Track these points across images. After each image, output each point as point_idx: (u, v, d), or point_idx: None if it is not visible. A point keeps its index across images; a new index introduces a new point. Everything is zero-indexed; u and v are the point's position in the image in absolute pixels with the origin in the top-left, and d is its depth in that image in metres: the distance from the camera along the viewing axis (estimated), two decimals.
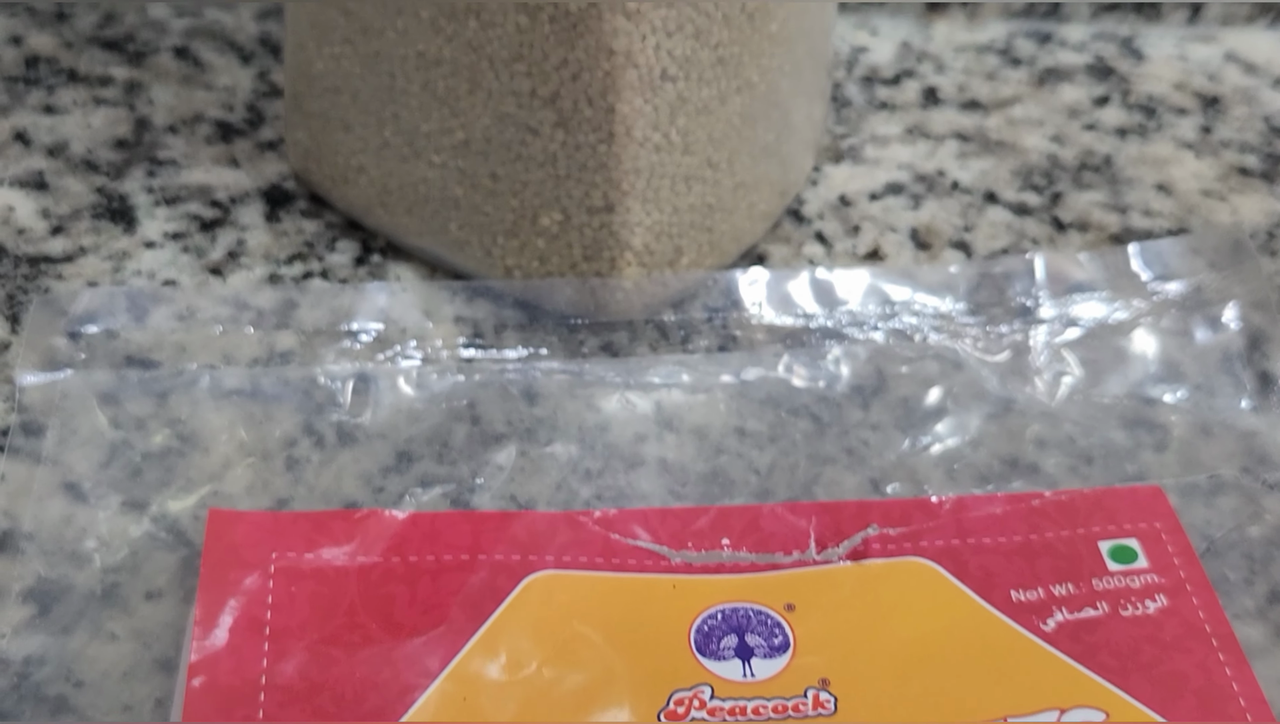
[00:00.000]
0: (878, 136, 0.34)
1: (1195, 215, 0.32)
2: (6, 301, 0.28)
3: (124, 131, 0.32)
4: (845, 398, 0.27)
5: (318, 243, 0.30)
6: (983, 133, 0.34)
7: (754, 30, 0.26)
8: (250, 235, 0.30)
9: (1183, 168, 0.34)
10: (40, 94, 0.33)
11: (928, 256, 0.31)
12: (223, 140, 0.32)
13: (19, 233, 0.30)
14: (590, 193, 0.27)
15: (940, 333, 0.28)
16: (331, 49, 0.28)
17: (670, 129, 0.26)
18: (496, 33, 0.25)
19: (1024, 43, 0.37)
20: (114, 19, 0.35)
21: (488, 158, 0.27)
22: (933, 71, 0.36)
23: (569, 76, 0.25)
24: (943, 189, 0.33)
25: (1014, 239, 0.31)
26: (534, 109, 0.26)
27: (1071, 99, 0.36)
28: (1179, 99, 0.36)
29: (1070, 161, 0.34)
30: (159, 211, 0.30)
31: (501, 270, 0.28)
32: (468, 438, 0.26)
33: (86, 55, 0.34)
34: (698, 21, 0.25)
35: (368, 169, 0.29)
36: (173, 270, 0.29)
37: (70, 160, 0.31)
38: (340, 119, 0.29)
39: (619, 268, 0.27)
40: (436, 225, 0.29)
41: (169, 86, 0.33)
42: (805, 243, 0.31)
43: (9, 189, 0.30)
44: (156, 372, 0.27)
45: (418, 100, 0.27)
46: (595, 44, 0.25)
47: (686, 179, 0.27)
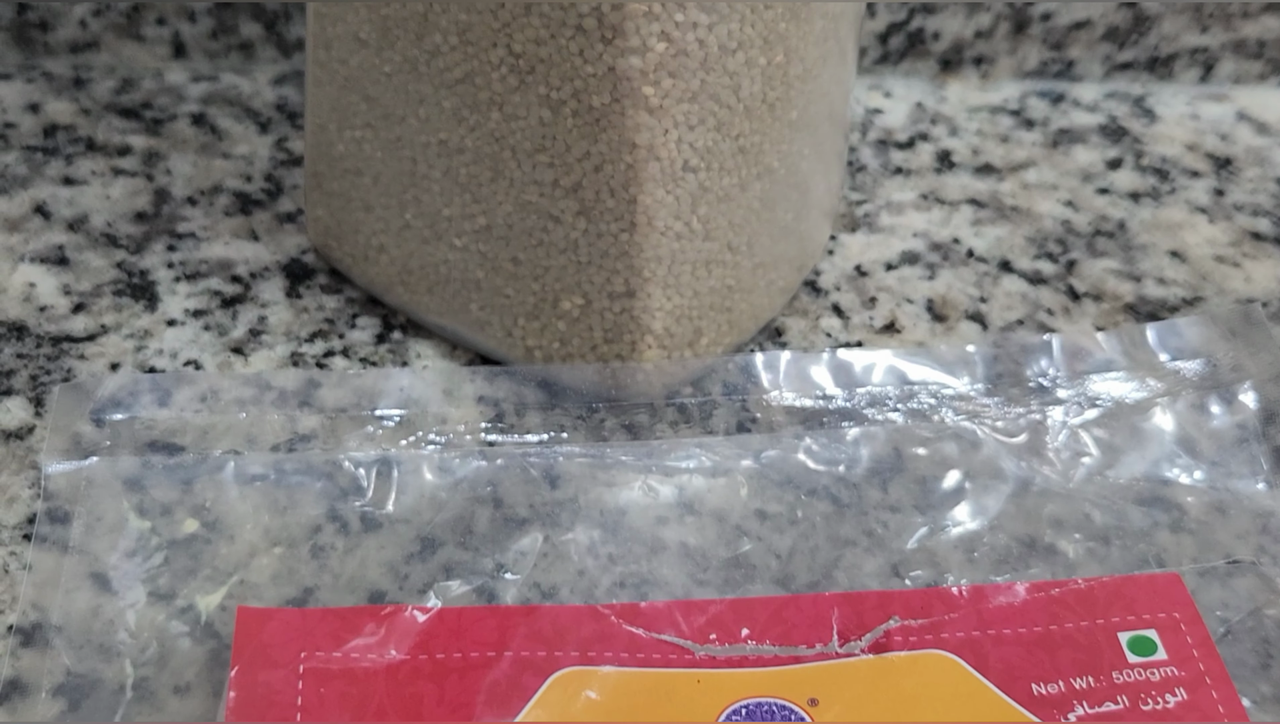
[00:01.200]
0: (893, 203, 0.34)
1: (1209, 282, 0.33)
2: (30, 383, 0.28)
3: (143, 203, 0.32)
4: (864, 479, 0.27)
5: (338, 319, 0.30)
6: (997, 198, 0.34)
7: (775, 119, 0.26)
8: (271, 312, 0.30)
9: (1196, 233, 0.34)
10: (59, 164, 0.33)
11: (944, 329, 0.31)
12: (242, 212, 0.32)
13: (40, 311, 0.30)
14: (611, 279, 0.27)
15: (958, 413, 0.28)
16: (353, 132, 0.28)
17: (691, 217, 0.26)
18: (519, 125, 0.26)
19: (1037, 102, 0.38)
20: (131, 84, 0.36)
21: (509, 243, 0.27)
22: (946, 134, 0.36)
23: (591, 168, 0.26)
24: (958, 258, 0.33)
25: (1029, 310, 0.32)
26: (556, 198, 0.26)
27: (1085, 161, 0.36)
28: (1191, 161, 0.36)
29: (1084, 228, 0.34)
30: (180, 288, 0.30)
31: (522, 351, 0.29)
32: (490, 523, 0.26)
33: (104, 123, 0.34)
34: (719, 114, 0.25)
35: (388, 249, 0.29)
36: (195, 349, 0.29)
37: (90, 234, 0.31)
38: (361, 200, 0.29)
39: (639, 351, 0.28)
40: (458, 306, 0.29)
41: (187, 156, 0.34)
42: (822, 316, 0.31)
43: (30, 265, 0.31)
44: (181, 457, 0.27)
45: (439, 186, 0.27)
46: (618, 138, 0.25)
47: (707, 263, 0.27)
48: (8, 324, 0.29)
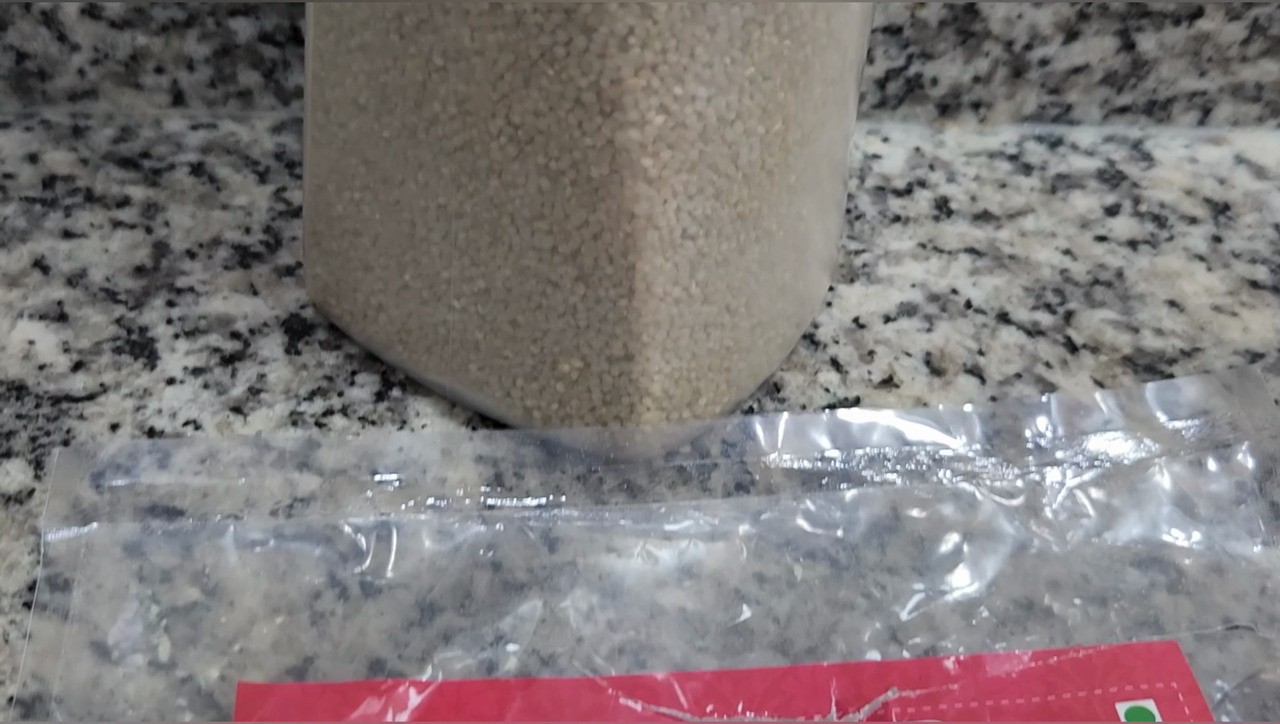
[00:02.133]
0: (891, 252, 0.34)
1: (1206, 333, 0.33)
2: (30, 445, 0.28)
3: (143, 257, 0.32)
4: (862, 541, 0.28)
5: (338, 377, 0.30)
6: (995, 246, 0.34)
7: (774, 184, 0.26)
8: (271, 369, 0.30)
9: (1194, 282, 0.34)
10: (58, 216, 0.33)
11: (942, 383, 0.31)
12: (241, 265, 0.32)
13: (40, 369, 0.30)
14: (610, 343, 0.27)
15: (956, 474, 0.28)
16: (351, 194, 0.28)
17: (690, 283, 0.26)
18: (518, 192, 0.26)
19: (1035, 147, 0.38)
20: (130, 132, 0.36)
21: (508, 306, 0.27)
22: (944, 180, 0.36)
23: (590, 236, 0.26)
24: (956, 309, 0.33)
25: (1027, 362, 0.32)
26: (555, 264, 0.26)
27: (1083, 207, 0.36)
28: (1189, 206, 0.36)
29: (1082, 277, 0.34)
30: (179, 345, 0.30)
31: (521, 411, 0.29)
32: (489, 588, 0.26)
33: (103, 173, 0.34)
34: (718, 183, 0.25)
35: (387, 308, 0.29)
36: (194, 408, 0.29)
37: (89, 289, 0.31)
38: (360, 259, 0.29)
39: (638, 414, 0.28)
40: (456, 365, 0.29)
41: (186, 207, 0.34)
42: (820, 370, 0.31)
43: (29, 321, 0.31)
44: (181, 522, 0.27)
45: (438, 249, 0.27)
46: (617, 208, 0.25)
47: (705, 326, 0.27)
48: (7, 383, 0.29)
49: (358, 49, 0.26)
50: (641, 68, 0.23)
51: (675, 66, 0.23)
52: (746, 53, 0.24)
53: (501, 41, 0.24)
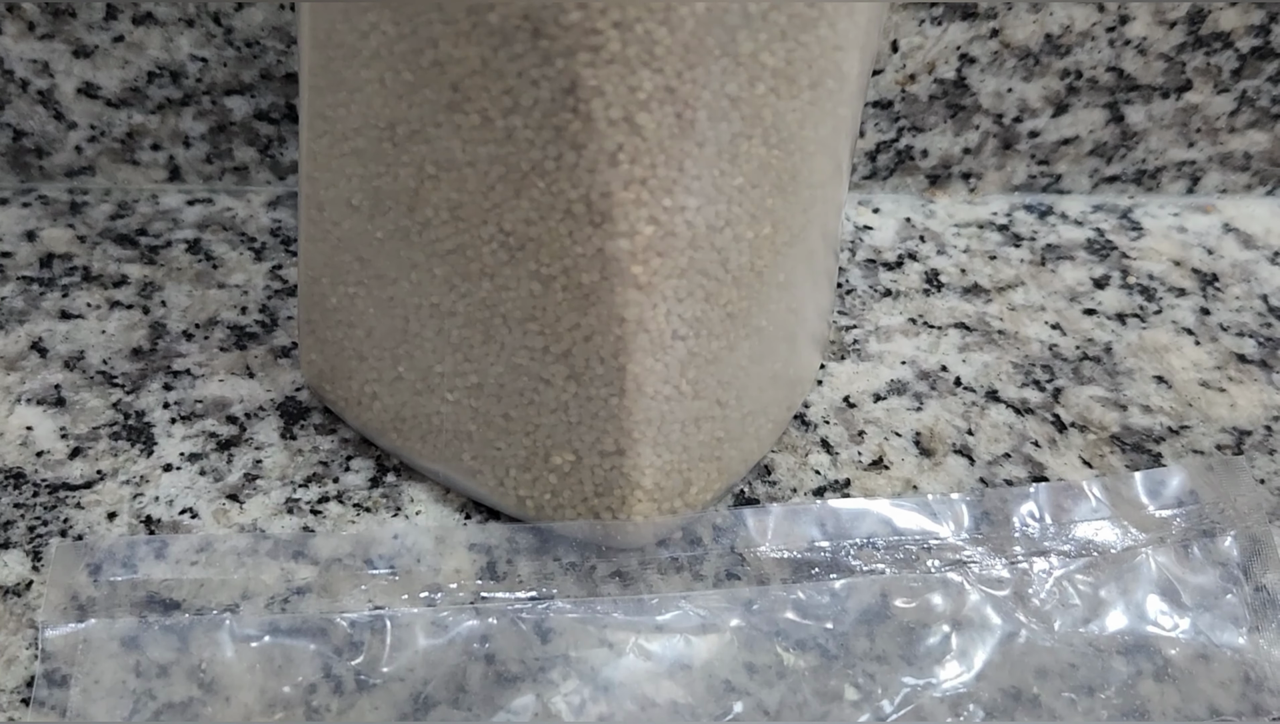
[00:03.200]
0: (881, 328, 0.34)
1: (1194, 410, 0.33)
2: (28, 535, 0.29)
3: (140, 338, 0.33)
4: (852, 630, 0.28)
5: (333, 462, 0.30)
6: (984, 321, 0.35)
7: (763, 284, 0.27)
8: (267, 455, 0.30)
9: (1182, 356, 0.34)
10: (56, 296, 0.33)
11: (931, 464, 0.31)
12: (237, 346, 0.33)
13: (38, 456, 0.30)
14: (601, 438, 0.27)
15: (945, 563, 0.29)
16: (346, 288, 0.28)
17: (680, 381, 0.27)
18: (510, 294, 0.26)
19: (1024, 217, 0.38)
20: (127, 208, 0.36)
21: (501, 400, 0.28)
22: (934, 252, 0.37)
23: (581, 338, 0.26)
24: (945, 387, 0.33)
25: (1016, 442, 0.32)
26: (547, 363, 0.27)
27: (1072, 280, 0.36)
28: (1177, 278, 0.36)
29: (1070, 352, 0.34)
30: (176, 429, 0.31)
31: (514, 500, 0.29)
32: (483, 681, 0.27)
33: (100, 251, 0.35)
34: (708, 286, 0.26)
35: (381, 397, 0.29)
36: (191, 496, 0.29)
37: (87, 372, 0.32)
38: (354, 349, 0.29)
39: (630, 506, 0.28)
40: (450, 454, 0.29)
41: (183, 286, 0.34)
42: (811, 451, 0.32)
43: (27, 406, 0.31)
44: (177, 617, 0.27)
45: (431, 344, 0.28)
46: (607, 312, 0.25)
47: (696, 420, 0.28)
48: (6, 471, 0.30)
49: (351, 153, 0.26)
50: (631, 182, 0.24)
51: (664, 180, 0.24)
52: (735, 164, 0.24)
53: (493, 155, 0.24)
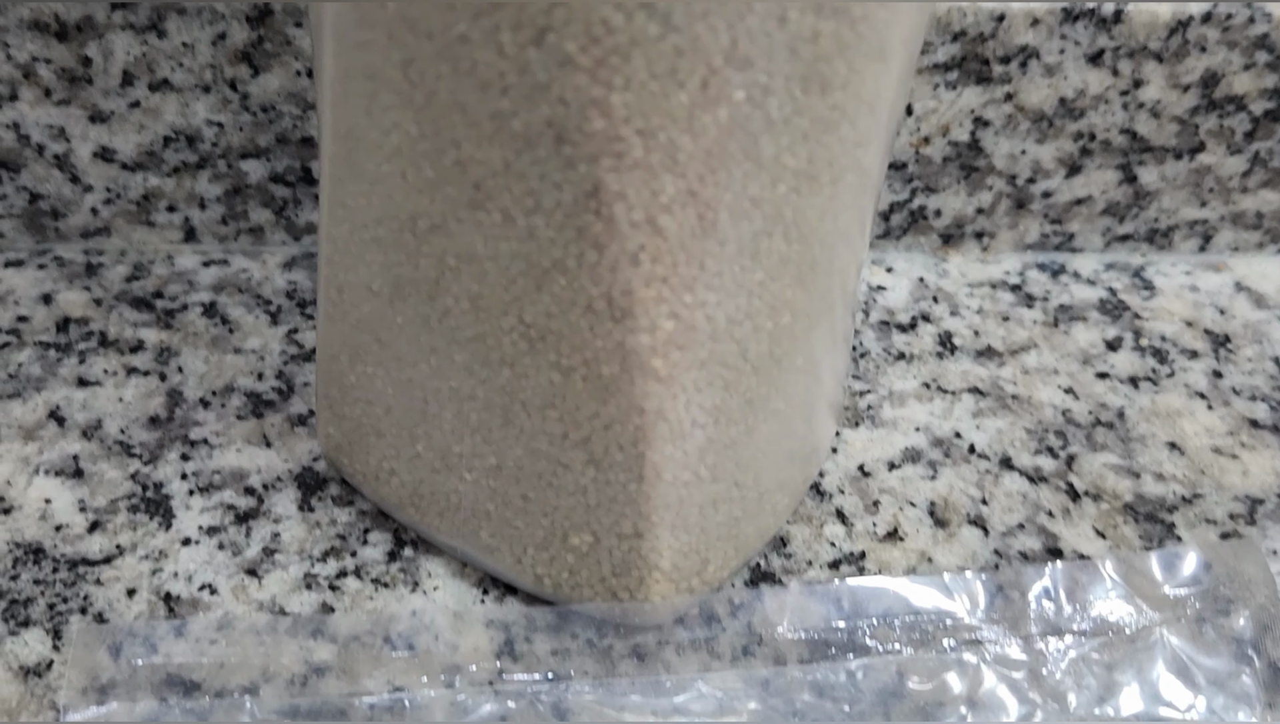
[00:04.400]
0: (895, 393, 0.35)
1: (1207, 477, 0.33)
2: (48, 613, 0.29)
3: (157, 406, 0.33)
4: (869, 710, 0.28)
5: (350, 535, 0.31)
6: (998, 386, 0.35)
7: (781, 370, 0.27)
8: (284, 528, 0.31)
9: (1194, 421, 0.34)
10: (73, 363, 0.33)
11: (945, 535, 0.32)
12: (254, 414, 0.33)
13: (57, 530, 0.30)
14: (620, 521, 0.27)
15: (961, 642, 0.29)
16: (365, 368, 0.29)
17: (699, 466, 0.27)
18: (529, 382, 0.26)
19: (1037, 276, 0.38)
20: (142, 270, 0.36)
21: (519, 481, 0.28)
22: (948, 313, 0.37)
23: (600, 426, 0.26)
24: (959, 454, 0.33)
25: (1030, 512, 0.32)
26: (565, 448, 0.27)
27: (1085, 342, 0.36)
28: (1189, 339, 0.37)
29: (1083, 418, 0.34)
30: (194, 502, 0.31)
31: (532, 578, 0.29)
32: None
33: (116, 315, 0.35)
34: (727, 376, 0.26)
35: (399, 472, 0.30)
36: (209, 571, 0.30)
37: (105, 441, 0.32)
38: (372, 426, 0.29)
39: (647, 586, 0.28)
40: (468, 531, 0.29)
41: (199, 351, 0.34)
42: (826, 522, 0.32)
43: (45, 478, 0.31)
44: (198, 699, 0.27)
45: (450, 425, 0.28)
46: (627, 403, 0.25)
47: (714, 502, 0.28)
48: (25, 546, 0.30)
49: (371, 241, 0.26)
50: (652, 280, 0.24)
51: (685, 277, 0.24)
52: (756, 260, 0.24)
53: (514, 251, 0.24)
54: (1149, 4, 0.34)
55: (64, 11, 0.32)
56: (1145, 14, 0.34)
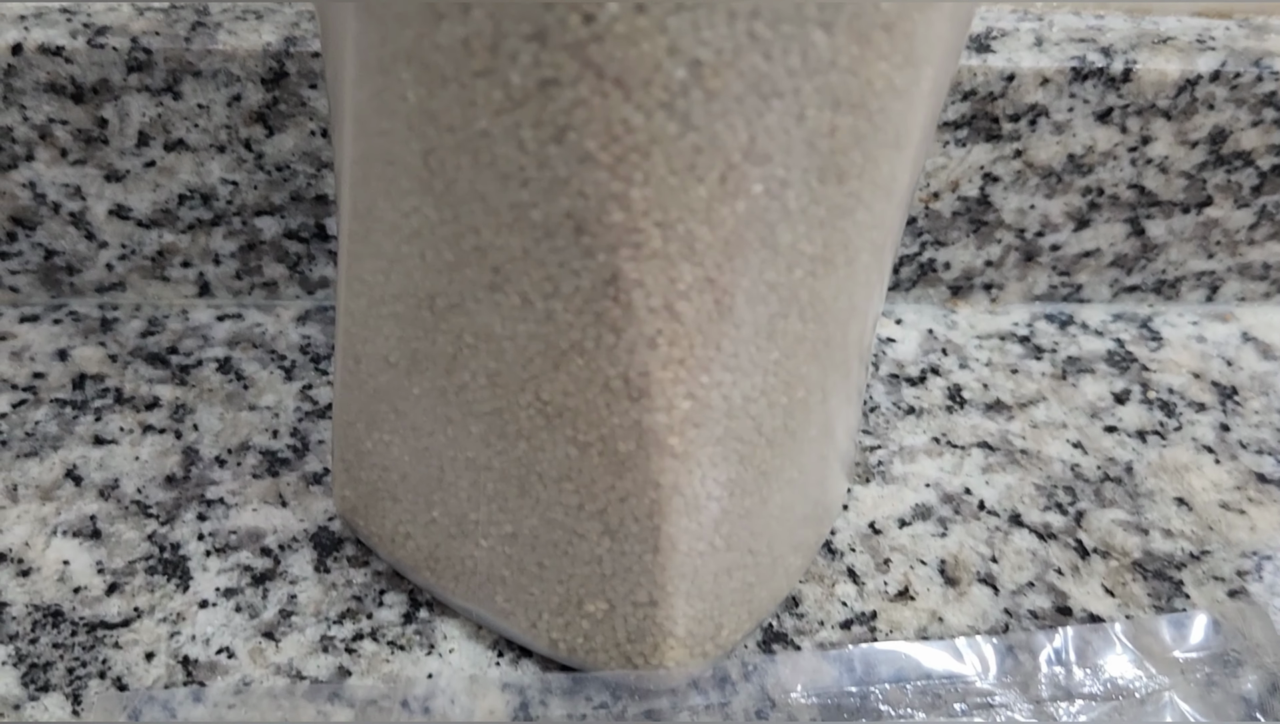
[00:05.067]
0: (905, 448, 0.35)
1: (1215, 533, 0.33)
2: (67, 677, 0.29)
3: (173, 465, 0.33)
4: None
5: (366, 596, 0.31)
6: (1007, 440, 0.35)
7: (796, 442, 0.27)
8: (301, 589, 0.31)
9: (1202, 476, 0.35)
10: (89, 421, 0.34)
11: (956, 594, 0.32)
12: (270, 473, 0.33)
13: (75, 592, 0.30)
14: (635, 590, 0.28)
15: (972, 706, 0.29)
16: (381, 435, 0.29)
17: (714, 537, 0.27)
18: (546, 455, 0.26)
19: (1045, 327, 0.38)
20: (157, 324, 0.36)
21: (535, 549, 0.28)
22: (957, 366, 0.37)
23: (616, 499, 0.26)
24: (969, 511, 0.33)
25: (1039, 569, 0.32)
26: (581, 519, 0.27)
27: (1093, 395, 0.37)
28: (1197, 391, 0.37)
29: (1092, 473, 0.35)
30: (211, 563, 0.31)
31: (547, 642, 0.29)
32: None
33: (132, 371, 0.35)
34: (742, 451, 0.26)
35: (415, 537, 0.30)
36: (227, 634, 0.30)
37: (121, 501, 0.32)
38: (388, 491, 0.30)
39: (662, 652, 0.28)
40: (483, 595, 0.30)
41: (214, 408, 0.34)
42: (837, 582, 0.32)
43: (63, 539, 0.31)
44: None
45: (466, 494, 0.28)
46: (643, 478, 0.26)
47: (729, 570, 0.28)
48: (44, 609, 0.30)
49: (389, 316, 0.26)
50: (669, 362, 0.24)
51: (702, 359, 0.24)
52: (771, 340, 0.25)
53: (532, 332, 0.24)
54: (1158, 63, 0.34)
55: (80, 74, 0.32)
56: (1154, 73, 0.34)
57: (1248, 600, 0.31)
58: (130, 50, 0.32)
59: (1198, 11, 0.36)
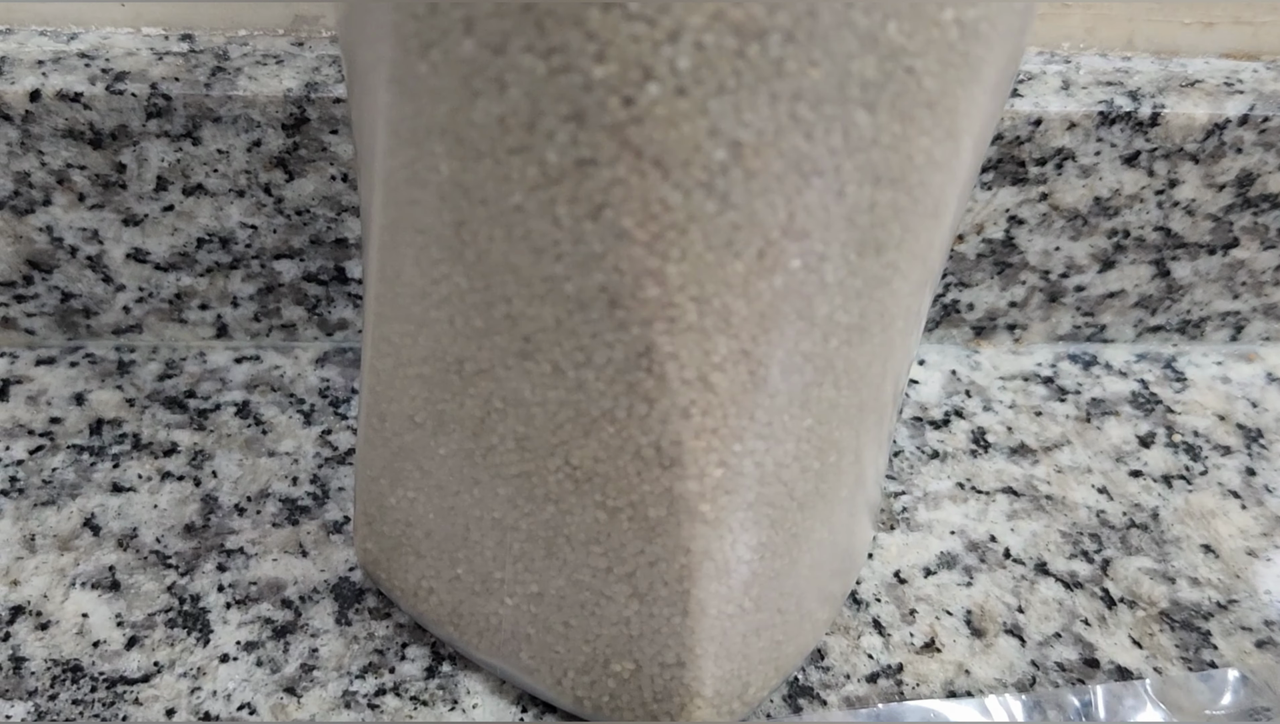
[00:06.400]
0: (930, 494, 0.35)
1: (1241, 582, 0.33)
2: None
3: (192, 513, 0.33)
4: None
5: (388, 650, 0.31)
6: (1032, 485, 0.35)
7: (827, 503, 0.27)
8: (322, 642, 0.31)
9: (1228, 522, 0.34)
10: (106, 467, 0.33)
11: (983, 646, 0.31)
12: (290, 521, 0.33)
13: (95, 646, 0.30)
14: (663, 651, 0.27)
15: None
16: (405, 492, 0.28)
17: (744, 599, 0.27)
18: (574, 519, 0.26)
19: (1069, 368, 0.38)
20: (174, 367, 0.36)
21: (561, 609, 0.28)
22: (981, 408, 0.37)
23: (645, 563, 0.26)
24: (995, 559, 0.33)
25: (1066, 620, 0.32)
26: (610, 582, 0.27)
27: (1117, 438, 0.36)
28: (1222, 434, 0.36)
29: (1118, 519, 0.34)
30: (231, 616, 0.31)
31: (571, 699, 0.29)
32: None
33: (149, 415, 0.35)
34: (773, 515, 0.26)
35: (438, 592, 0.30)
36: (248, 689, 0.30)
37: (140, 552, 0.32)
38: (412, 547, 0.29)
39: (689, 712, 0.28)
40: (507, 652, 0.29)
41: (233, 454, 0.34)
42: (863, 633, 0.32)
43: (82, 591, 0.31)
44: None
45: (492, 553, 0.28)
46: (673, 543, 0.25)
47: (757, 631, 0.28)
48: (64, 664, 0.30)
49: (416, 377, 0.26)
50: (702, 432, 0.24)
51: (735, 428, 0.24)
52: (805, 408, 0.24)
53: (562, 399, 0.24)
54: (1186, 107, 0.34)
55: (99, 120, 0.32)
56: (1182, 117, 0.34)
57: (1276, 654, 0.30)
58: (149, 96, 0.31)
59: (1225, 53, 0.35)
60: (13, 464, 0.33)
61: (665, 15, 0.18)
